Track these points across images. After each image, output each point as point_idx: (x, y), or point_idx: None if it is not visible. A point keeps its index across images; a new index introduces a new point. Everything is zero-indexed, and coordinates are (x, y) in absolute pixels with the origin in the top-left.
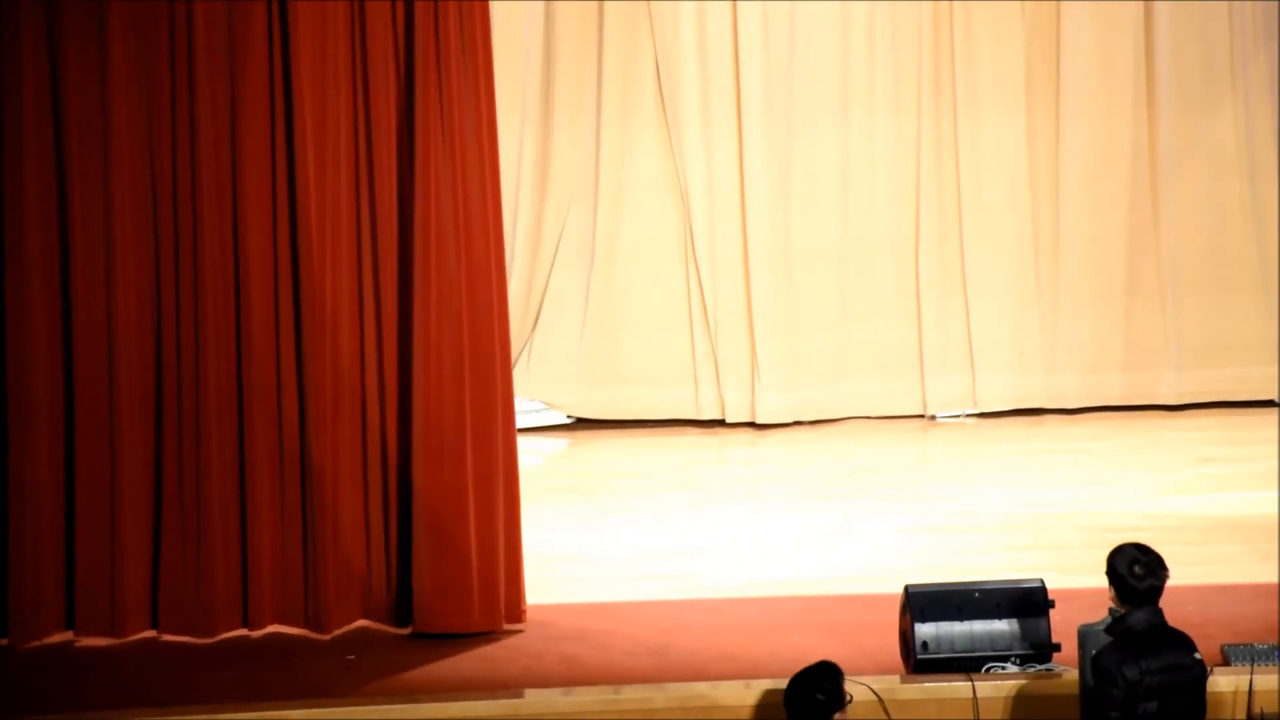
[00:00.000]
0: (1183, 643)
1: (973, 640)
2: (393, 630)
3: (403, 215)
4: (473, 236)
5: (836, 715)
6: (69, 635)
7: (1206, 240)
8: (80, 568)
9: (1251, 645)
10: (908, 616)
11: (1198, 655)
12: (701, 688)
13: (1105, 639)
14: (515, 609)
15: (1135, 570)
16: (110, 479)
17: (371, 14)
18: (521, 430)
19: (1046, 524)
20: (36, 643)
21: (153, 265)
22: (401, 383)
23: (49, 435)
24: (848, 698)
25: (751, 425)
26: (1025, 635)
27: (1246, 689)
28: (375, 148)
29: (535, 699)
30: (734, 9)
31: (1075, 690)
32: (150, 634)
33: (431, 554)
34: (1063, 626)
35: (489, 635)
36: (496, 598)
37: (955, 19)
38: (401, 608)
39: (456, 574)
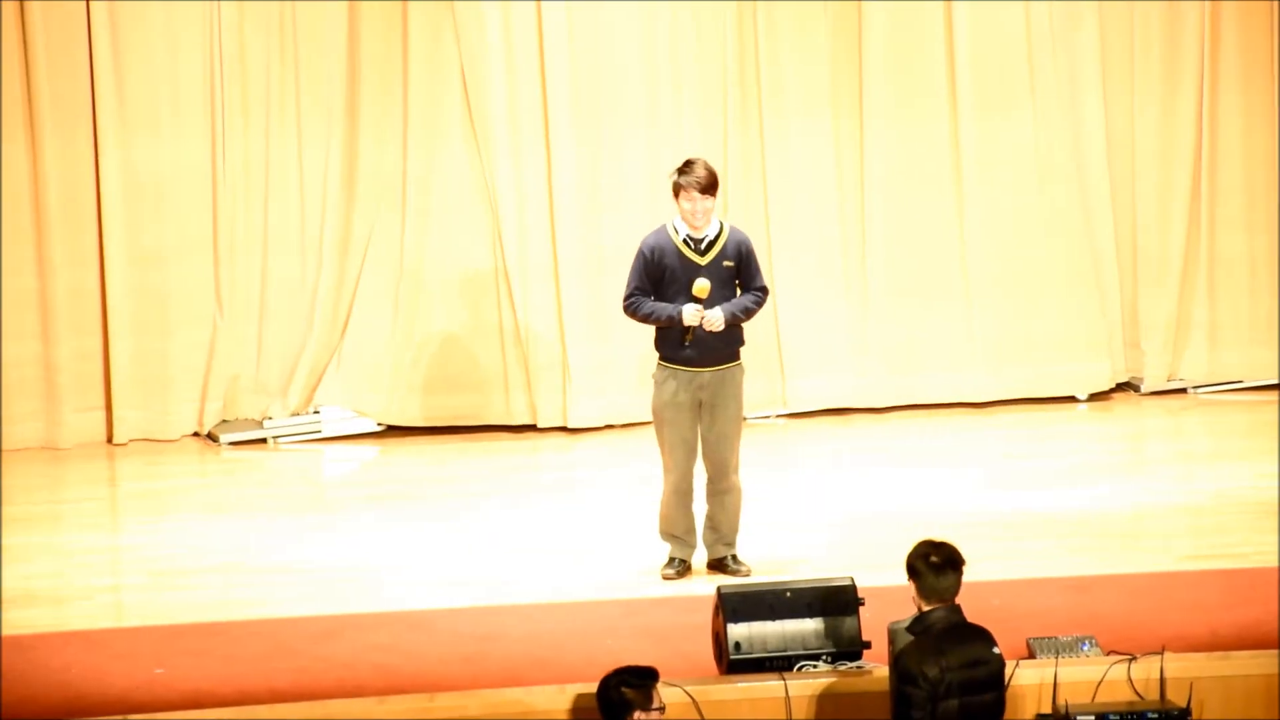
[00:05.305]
0: (982, 637)
1: (785, 640)
2: None
3: None
4: None
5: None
6: None
7: (1008, 242)
8: None
9: (1056, 638)
10: (720, 617)
11: (996, 649)
12: (515, 693)
13: (909, 638)
14: None
15: (932, 560)
16: None
17: None
18: (330, 439)
19: (856, 521)
20: None
21: None
22: None
23: None
24: (659, 704)
25: (564, 430)
26: (836, 633)
27: (1052, 682)
28: None
29: (349, 708)
30: (539, 9)
31: (886, 687)
32: None
33: None
34: (874, 624)
35: None
36: None
37: (759, 18)
38: None
39: None
